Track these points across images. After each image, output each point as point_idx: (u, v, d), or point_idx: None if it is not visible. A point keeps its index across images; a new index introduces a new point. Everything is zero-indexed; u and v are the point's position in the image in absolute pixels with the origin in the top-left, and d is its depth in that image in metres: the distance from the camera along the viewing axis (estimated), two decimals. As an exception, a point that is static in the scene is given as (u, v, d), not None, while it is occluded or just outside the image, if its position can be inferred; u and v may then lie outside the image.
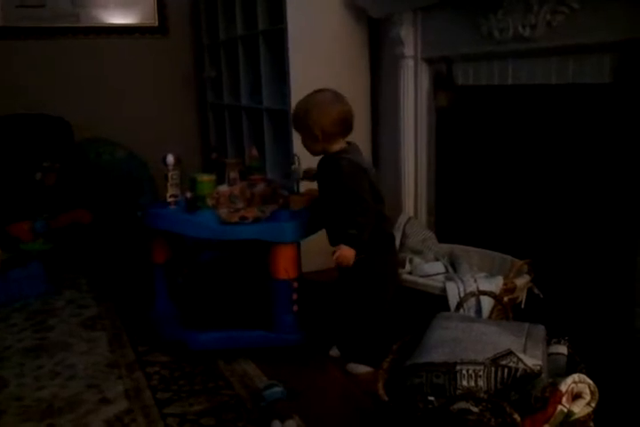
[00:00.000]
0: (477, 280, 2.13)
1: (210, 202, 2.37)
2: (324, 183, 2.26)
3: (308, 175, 2.42)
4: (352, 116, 2.21)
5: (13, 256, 3.14)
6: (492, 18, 2.31)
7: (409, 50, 2.83)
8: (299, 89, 3.13)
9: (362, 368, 2.21)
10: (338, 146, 2.19)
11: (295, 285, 2.30)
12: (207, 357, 2.35)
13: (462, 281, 2.13)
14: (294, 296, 2.29)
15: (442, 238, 2.65)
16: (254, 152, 2.72)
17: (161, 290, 2.55)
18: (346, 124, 2.18)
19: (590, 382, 1.42)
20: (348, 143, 2.23)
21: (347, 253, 2.08)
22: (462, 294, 2.07)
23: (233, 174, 2.58)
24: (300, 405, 1.98)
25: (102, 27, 4.45)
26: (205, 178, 2.45)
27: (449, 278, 2.22)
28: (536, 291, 2.22)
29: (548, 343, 1.71)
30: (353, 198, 2.09)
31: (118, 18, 4.48)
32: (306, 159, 2.54)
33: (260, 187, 2.48)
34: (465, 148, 2.68)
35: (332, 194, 2.16)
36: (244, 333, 2.34)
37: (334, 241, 2.18)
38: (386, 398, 1.59)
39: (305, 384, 2.13)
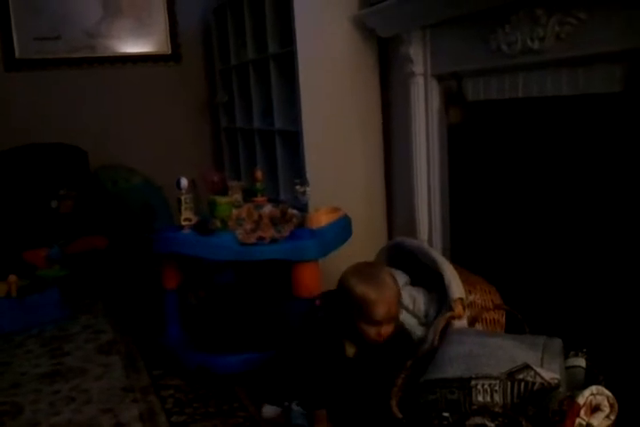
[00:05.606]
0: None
1: (230, 224, 2.35)
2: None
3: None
4: None
5: (30, 283, 3.15)
6: (499, 32, 2.30)
7: (418, 67, 2.82)
8: (310, 110, 3.14)
9: (275, 411, 2.02)
10: None
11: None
12: (221, 379, 2.32)
13: None
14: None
15: (456, 260, 2.59)
16: (259, 174, 2.72)
17: (172, 316, 2.52)
18: None
19: (609, 394, 1.37)
20: None
21: None
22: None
23: (237, 197, 2.58)
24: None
25: (117, 56, 4.51)
26: (224, 200, 2.44)
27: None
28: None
29: (566, 356, 1.67)
30: None
31: (132, 47, 4.54)
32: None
33: (267, 208, 2.46)
34: (478, 163, 2.65)
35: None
36: (268, 354, 2.30)
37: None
38: (400, 416, 1.56)
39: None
